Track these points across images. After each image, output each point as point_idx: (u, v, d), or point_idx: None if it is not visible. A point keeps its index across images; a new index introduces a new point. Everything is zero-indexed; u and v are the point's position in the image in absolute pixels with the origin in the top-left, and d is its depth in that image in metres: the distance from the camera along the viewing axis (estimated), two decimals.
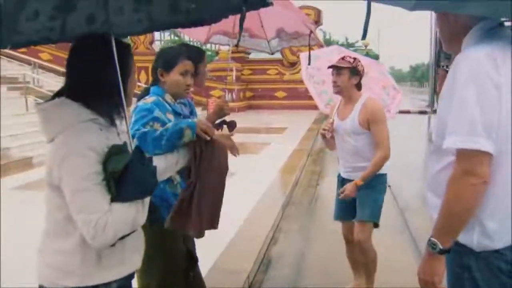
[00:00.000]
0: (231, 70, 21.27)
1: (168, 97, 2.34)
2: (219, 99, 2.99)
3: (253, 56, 23.97)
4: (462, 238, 1.60)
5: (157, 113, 2.19)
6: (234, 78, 22.34)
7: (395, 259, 3.97)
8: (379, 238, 3.33)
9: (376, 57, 33.18)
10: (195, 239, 2.52)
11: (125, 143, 1.55)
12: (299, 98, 23.19)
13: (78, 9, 1.77)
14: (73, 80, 1.59)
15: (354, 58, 3.31)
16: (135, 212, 1.49)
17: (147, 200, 1.58)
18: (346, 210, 3.41)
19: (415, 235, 4.86)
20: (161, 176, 1.94)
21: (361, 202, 3.27)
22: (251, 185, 6.75)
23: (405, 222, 5.44)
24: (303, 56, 4.20)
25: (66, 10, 1.79)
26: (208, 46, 24.22)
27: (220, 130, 2.84)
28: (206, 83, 2.99)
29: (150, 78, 2.54)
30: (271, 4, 1.58)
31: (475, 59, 1.49)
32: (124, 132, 1.68)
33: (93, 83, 1.55)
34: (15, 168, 8.25)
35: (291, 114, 20.31)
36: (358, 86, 3.33)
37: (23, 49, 15.75)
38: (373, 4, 1.39)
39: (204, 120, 2.13)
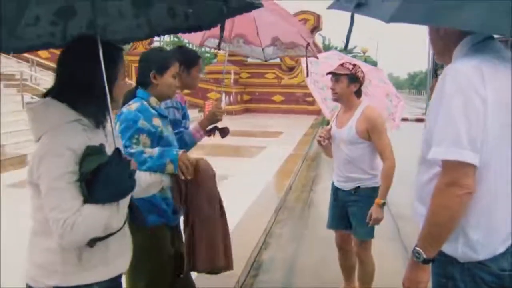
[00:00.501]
0: (228, 72, 21.28)
1: (153, 101, 2.33)
2: (215, 101, 3.04)
3: (251, 59, 23.99)
4: (447, 249, 1.62)
5: (141, 123, 2.18)
6: (232, 81, 22.37)
7: (385, 266, 3.98)
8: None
9: (374, 64, 33.25)
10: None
11: (101, 144, 1.54)
12: (297, 102, 23.27)
13: (79, 15, 1.79)
14: (62, 81, 1.61)
15: (354, 65, 3.23)
16: (108, 215, 1.49)
17: (124, 203, 1.59)
18: (339, 219, 3.39)
19: (406, 243, 4.88)
20: (145, 193, 1.97)
21: (358, 220, 3.22)
22: (245, 188, 6.76)
23: (397, 229, 5.47)
24: (304, 61, 4.21)
25: (66, 16, 1.81)
26: (208, 48, 24.29)
27: (212, 136, 2.87)
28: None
29: None
30: (261, 5, 1.61)
31: (462, 72, 1.52)
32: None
33: (82, 85, 1.57)
34: (10, 165, 8.23)
35: (288, 119, 20.34)
36: (358, 93, 3.25)
37: None
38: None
39: (187, 155, 2.12)
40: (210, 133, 2.84)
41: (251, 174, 8.12)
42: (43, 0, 1.75)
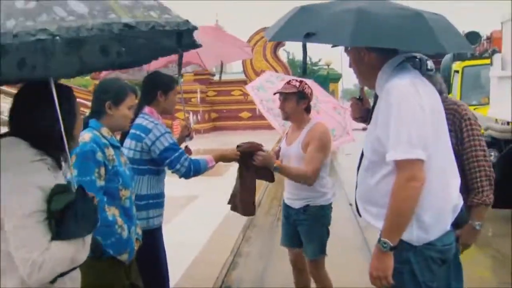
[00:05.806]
0: (194, 92, 21.22)
1: (104, 131, 2.29)
2: (183, 121, 3.22)
3: (217, 77, 24.05)
4: (403, 235, 1.83)
5: (98, 155, 2.16)
6: (198, 99, 22.33)
7: (351, 276, 3.99)
8: (337, 256, 3.31)
9: (338, 77, 33.91)
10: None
11: (69, 182, 1.60)
12: (264, 118, 23.24)
13: (10, 54, 1.76)
14: (20, 129, 1.62)
15: (300, 81, 3.19)
16: (74, 250, 1.53)
17: (89, 236, 1.62)
18: (291, 237, 3.32)
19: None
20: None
21: (306, 238, 3.18)
22: (214, 208, 6.69)
23: (365, 240, 5.51)
24: (250, 87, 4.29)
25: None
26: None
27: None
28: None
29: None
30: (201, 45, 1.70)
31: (403, 86, 1.82)
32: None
33: (41, 131, 1.59)
34: None
35: (256, 134, 20.37)
36: (307, 110, 3.21)
37: None
38: None
39: None
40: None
41: (220, 192, 8.04)
42: None
